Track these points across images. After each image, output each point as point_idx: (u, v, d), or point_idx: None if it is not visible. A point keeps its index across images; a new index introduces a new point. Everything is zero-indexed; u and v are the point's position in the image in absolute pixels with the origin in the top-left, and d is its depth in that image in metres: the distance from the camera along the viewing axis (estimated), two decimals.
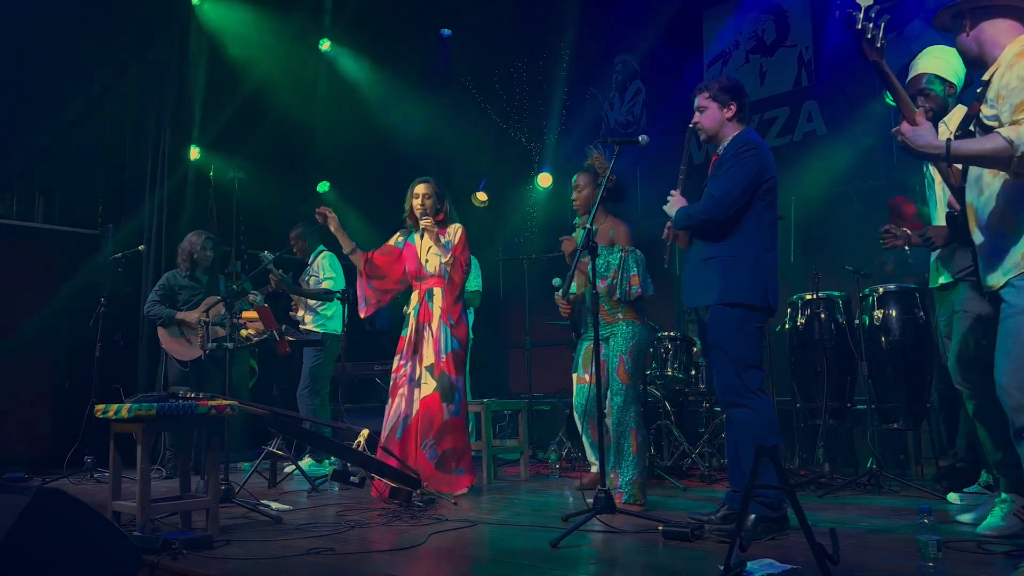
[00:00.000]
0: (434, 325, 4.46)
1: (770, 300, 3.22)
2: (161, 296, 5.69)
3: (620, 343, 4.08)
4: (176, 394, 3.36)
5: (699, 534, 3.04)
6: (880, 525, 3.38)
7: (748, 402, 3.16)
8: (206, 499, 3.35)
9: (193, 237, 5.90)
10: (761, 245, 3.22)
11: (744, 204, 3.21)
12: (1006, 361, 2.32)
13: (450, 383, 4.38)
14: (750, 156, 3.22)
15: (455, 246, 4.54)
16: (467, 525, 3.50)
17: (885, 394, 4.47)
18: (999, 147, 2.25)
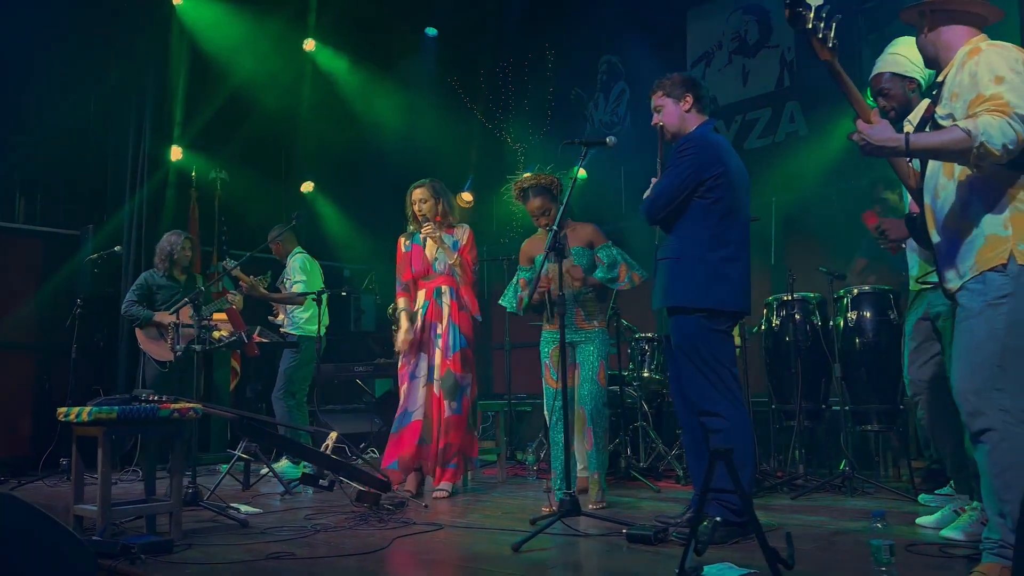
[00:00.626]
0: (443, 324, 4.48)
1: (721, 303, 3.13)
2: (139, 296, 5.66)
3: (601, 348, 4.13)
4: (139, 397, 3.33)
5: (662, 537, 3.02)
6: (848, 527, 3.36)
7: (719, 408, 3.12)
8: (169, 503, 3.33)
9: (172, 237, 5.87)
10: (706, 245, 3.15)
11: (682, 204, 3.18)
12: (960, 365, 2.31)
13: (455, 381, 4.42)
14: (687, 154, 3.19)
15: (463, 246, 4.56)
16: (433, 529, 3.48)
17: (859, 396, 4.46)
18: (957, 138, 2.23)
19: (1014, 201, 2.28)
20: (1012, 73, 2.25)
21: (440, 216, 4.58)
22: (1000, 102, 2.21)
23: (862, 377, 4.43)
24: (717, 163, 3.21)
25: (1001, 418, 2.20)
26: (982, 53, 2.33)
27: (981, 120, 2.20)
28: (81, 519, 3.33)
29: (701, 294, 3.14)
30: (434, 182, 4.61)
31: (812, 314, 4.79)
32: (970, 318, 2.30)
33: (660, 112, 3.40)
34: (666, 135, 3.39)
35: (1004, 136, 2.17)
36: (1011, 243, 2.25)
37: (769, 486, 4.48)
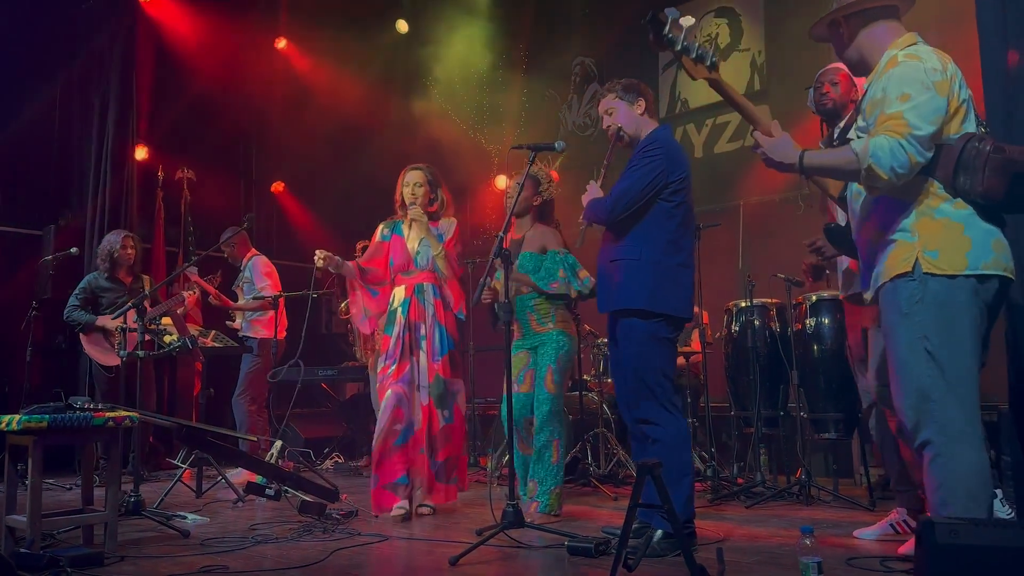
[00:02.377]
0: (428, 325, 4.08)
1: (674, 308, 3.09)
2: (82, 300, 5.53)
3: (550, 352, 4.03)
4: (73, 404, 3.25)
5: (603, 550, 2.97)
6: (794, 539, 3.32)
7: (660, 419, 3.07)
8: (102, 513, 3.25)
9: (111, 236, 5.73)
10: (663, 249, 3.10)
11: (644, 205, 3.13)
12: (893, 381, 2.27)
13: (444, 388, 4.06)
14: (654, 155, 3.13)
15: (448, 239, 4.19)
16: (376, 540, 3.41)
17: (817, 403, 4.43)
18: (847, 159, 2.22)
19: (920, 207, 2.24)
20: (921, 89, 2.19)
21: (433, 207, 4.21)
22: (899, 123, 2.17)
23: (820, 385, 4.40)
24: (681, 167, 3.18)
25: (934, 431, 2.16)
26: (897, 66, 2.27)
27: (873, 141, 2.18)
28: (13, 531, 3.24)
29: (659, 298, 3.09)
30: (432, 168, 4.26)
31: (771, 320, 4.75)
32: (890, 333, 2.27)
33: (613, 115, 3.35)
34: (624, 138, 3.33)
35: (893, 159, 2.15)
36: (917, 249, 2.21)
37: (727, 493, 4.45)
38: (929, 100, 2.18)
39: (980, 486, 2.14)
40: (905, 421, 2.24)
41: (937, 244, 2.20)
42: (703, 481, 4.71)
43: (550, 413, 3.97)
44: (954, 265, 2.18)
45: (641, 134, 3.30)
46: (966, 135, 2.23)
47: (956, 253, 2.19)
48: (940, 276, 2.18)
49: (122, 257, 5.62)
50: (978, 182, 2.15)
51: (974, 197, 2.18)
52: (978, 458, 2.15)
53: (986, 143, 2.17)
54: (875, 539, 3.23)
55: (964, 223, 2.20)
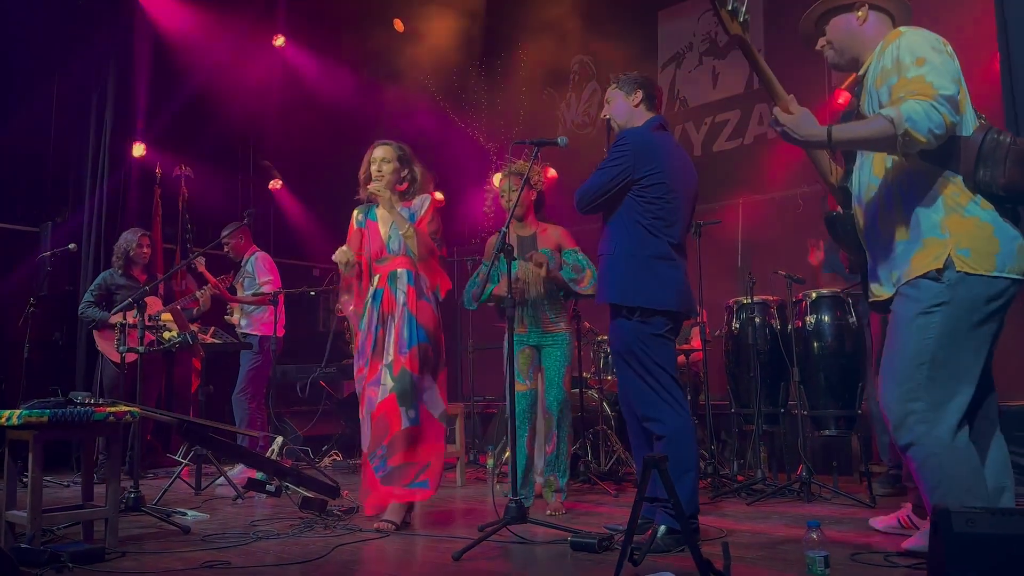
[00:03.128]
0: (398, 314, 3.67)
1: (655, 302, 3.06)
2: (96, 297, 5.56)
3: (567, 353, 4.12)
4: (74, 399, 3.23)
5: (607, 545, 2.97)
6: (795, 536, 3.32)
7: (660, 414, 3.06)
8: (103, 509, 3.23)
9: (128, 235, 5.77)
10: (637, 242, 3.09)
11: (614, 200, 3.14)
12: (887, 375, 2.25)
13: (411, 384, 3.57)
14: (620, 151, 3.13)
15: (420, 217, 3.77)
16: (378, 536, 3.40)
17: (817, 400, 4.43)
18: (881, 127, 2.14)
19: (949, 203, 2.21)
20: (934, 53, 2.19)
21: (404, 186, 3.83)
22: (923, 85, 2.14)
23: (820, 382, 4.40)
24: (652, 161, 3.14)
25: (925, 430, 2.15)
26: (903, 36, 2.27)
27: (905, 107, 2.13)
28: (13, 526, 3.22)
29: (631, 292, 3.08)
30: (403, 145, 3.89)
31: (772, 317, 4.75)
32: (900, 327, 2.23)
33: (610, 104, 3.36)
34: (614, 127, 3.34)
35: (929, 120, 2.10)
36: (949, 247, 2.18)
37: (728, 490, 4.45)
38: (945, 62, 2.18)
39: (975, 484, 2.13)
40: (889, 416, 2.22)
41: (969, 243, 2.17)
42: (704, 478, 4.70)
43: (568, 411, 4.14)
44: (984, 265, 2.16)
45: (632, 125, 3.30)
46: (983, 126, 2.22)
47: (987, 254, 2.17)
48: (974, 276, 2.15)
49: (137, 255, 5.69)
50: (1000, 174, 2.13)
51: (996, 190, 2.15)
52: (968, 458, 2.14)
53: (1005, 135, 2.16)
54: (882, 530, 3.24)
55: (993, 224, 2.19)
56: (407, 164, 3.84)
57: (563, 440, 4.10)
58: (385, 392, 3.59)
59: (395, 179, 3.79)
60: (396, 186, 3.80)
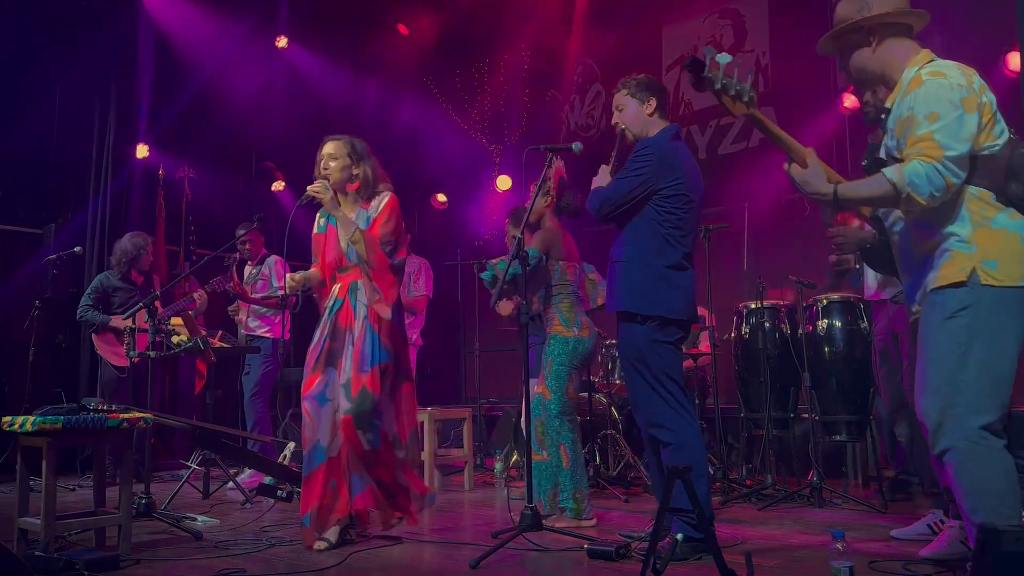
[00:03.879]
0: (358, 329, 3.34)
1: (668, 311, 3.05)
2: (94, 300, 5.52)
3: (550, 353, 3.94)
4: (87, 406, 3.21)
5: (624, 553, 2.96)
6: (812, 543, 3.32)
7: (668, 422, 3.05)
8: (117, 515, 3.21)
9: (137, 239, 5.72)
10: (655, 252, 3.08)
11: (634, 208, 3.12)
12: (921, 381, 2.25)
13: (371, 406, 3.26)
14: (643, 160, 3.12)
15: (375, 218, 3.43)
16: (391, 543, 3.39)
17: (828, 405, 4.42)
18: (885, 190, 2.20)
19: (976, 216, 2.23)
20: (950, 107, 2.19)
21: (357, 185, 3.50)
22: (930, 145, 2.17)
23: (832, 387, 4.39)
24: (674, 172, 3.14)
25: (963, 435, 2.15)
26: (922, 85, 2.26)
27: (908, 168, 2.17)
28: (26, 532, 3.20)
29: (649, 301, 3.07)
30: (355, 140, 3.54)
31: (782, 322, 4.75)
32: (929, 335, 2.24)
33: (622, 112, 3.32)
34: (627, 137, 3.31)
35: (931, 184, 2.15)
36: (975, 260, 2.19)
37: (737, 496, 4.44)
38: (958, 119, 2.18)
39: (1009, 490, 2.13)
40: (927, 423, 2.22)
41: (996, 255, 2.18)
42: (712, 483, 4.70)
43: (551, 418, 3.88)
44: (1011, 276, 2.17)
45: (647, 134, 3.28)
46: (1011, 141, 2.23)
47: (1014, 264, 2.18)
48: (997, 287, 2.17)
49: (144, 262, 5.68)
50: None
51: None
52: (1004, 461, 2.15)
53: None
54: (910, 538, 3.23)
55: (1022, 234, 2.20)
56: (359, 161, 3.51)
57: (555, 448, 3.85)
58: (342, 413, 3.27)
59: (344, 177, 3.47)
60: (347, 185, 3.49)
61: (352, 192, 3.51)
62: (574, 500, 3.85)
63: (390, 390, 3.39)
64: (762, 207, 6.49)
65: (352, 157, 3.50)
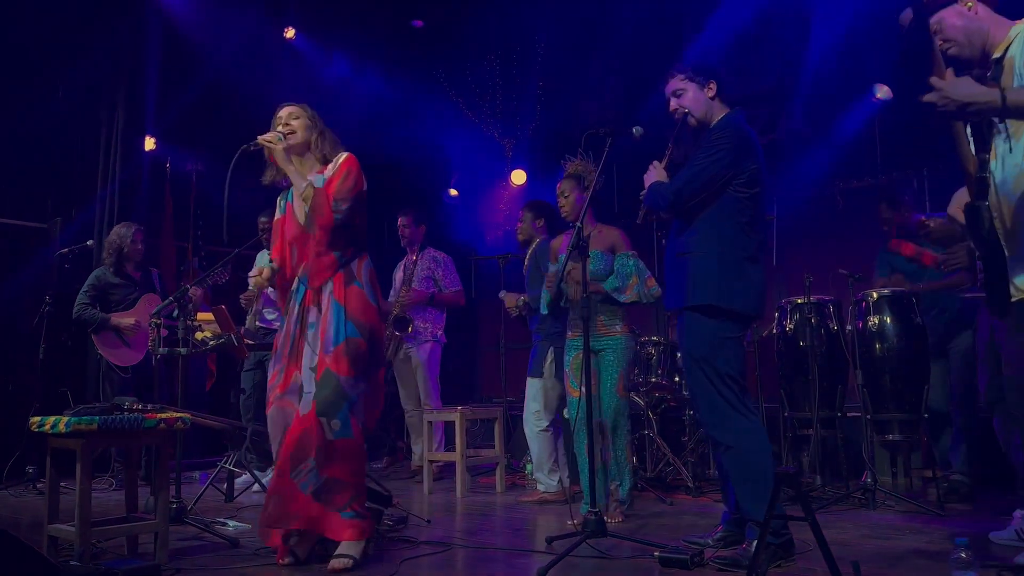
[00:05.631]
0: (323, 305, 3.02)
1: (743, 305, 2.92)
2: (92, 298, 5.23)
3: (622, 357, 3.93)
4: (121, 406, 3.03)
5: (699, 561, 2.80)
6: (888, 547, 3.17)
7: (729, 423, 2.89)
8: (154, 522, 3.03)
9: (122, 229, 5.41)
10: (731, 243, 2.93)
11: (711, 196, 2.95)
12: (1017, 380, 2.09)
13: (338, 388, 2.89)
14: (723, 143, 2.95)
15: (330, 177, 3.09)
16: (442, 550, 3.21)
17: (880, 404, 4.27)
18: None
19: None
20: None
21: (317, 145, 3.19)
22: None
23: (885, 385, 4.23)
24: (753, 156, 2.99)
25: None
26: None
27: None
28: (56, 540, 3.01)
29: (726, 295, 2.91)
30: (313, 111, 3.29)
31: (828, 318, 4.60)
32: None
33: (681, 97, 3.14)
34: (691, 123, 3.15)
35: None
36: None
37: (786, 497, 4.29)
38: None
39: None
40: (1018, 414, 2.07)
41: None
42: None
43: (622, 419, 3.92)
44: None
45: (711, 118, 3.11)
46: None
47: None
48: None
49: (132, 252, 5.32)
50: None
51: None
52: None
53: None
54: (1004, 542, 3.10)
55: None
56: (321, 125, 3.26)
57: (620, 448, 3.91)
58: (307, 404, 2.93)
59: (304, 137, 3.18)
60: (309, 147, 3.19)
61: (311, 156, 3.19)
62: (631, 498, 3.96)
63: (365, 373, 2.99)
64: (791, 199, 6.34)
65: (313, 120, 3.25)
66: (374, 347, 3.07)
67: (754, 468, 2.86)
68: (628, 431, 3.92)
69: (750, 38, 7.15)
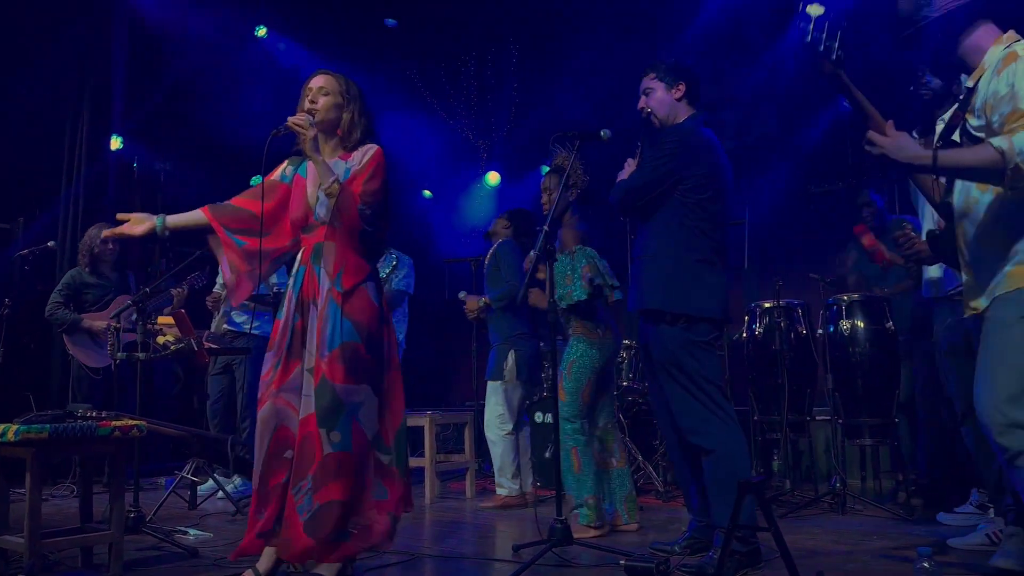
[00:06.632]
0: (321, 302, 2.75)
1: (699, 309, 2.90)
2: (65, 297, 5.15)
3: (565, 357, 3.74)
4: (74, 413, 2.94)
5: (664, 570, 2.76)
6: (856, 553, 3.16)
7: (707, 427, 2.87)
8: (108, 532, 2.94)
9: (93, 230, 5.32)
10: (683, 245, 2.92)
11: (660, 200, 2.95)
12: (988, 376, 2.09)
13: (334, 398, 2.65)
14: (667, 148, 2.95)
15: (356, 171, 2.80)
16: (406, 559, 3.15)
17: (852, 408, 4.26)
18: (991, 158, 2.03)
19: None
20: None
21: (345, 130, 2.87)
22: None
23: (856, 389, 4.23)
24: (701, 161, 2.97)
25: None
26: (1020, 60, 2.11)
27: (1017, 138, 2.00)
28: (5, 551, 2.91)
29: (680, 298, 2.91)
30: (350, 81, 2.93)
31: (798, 322, 4.60)
32: (1002, 329, 2.09)
33: (649, 95, 3.15)
34: (653, 122, 3.14)
35: None
36: None
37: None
38: None
39: None
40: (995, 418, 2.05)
41: None
42: None
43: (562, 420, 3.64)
44: None
45: (675, 119, 3.12)
46: None
47: None
48: None
49: (102, 252, 5.23)
50: None
51: None
52: None
53: None
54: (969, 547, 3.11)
55: None
56: (353, 103, 2.89)
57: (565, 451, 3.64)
58: (308, 407, 2.68)
59: (332, 117, 2.84)
60: (335, 129, 2.87)
61: (336, 139, 2.88)
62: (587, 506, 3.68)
63: (369, 377, 2.74)
64: (762, 203, 6.35)
65: (345, 97, 2.87)
66: (376, 350, 2.79)
67: (733, 473, 2.83)
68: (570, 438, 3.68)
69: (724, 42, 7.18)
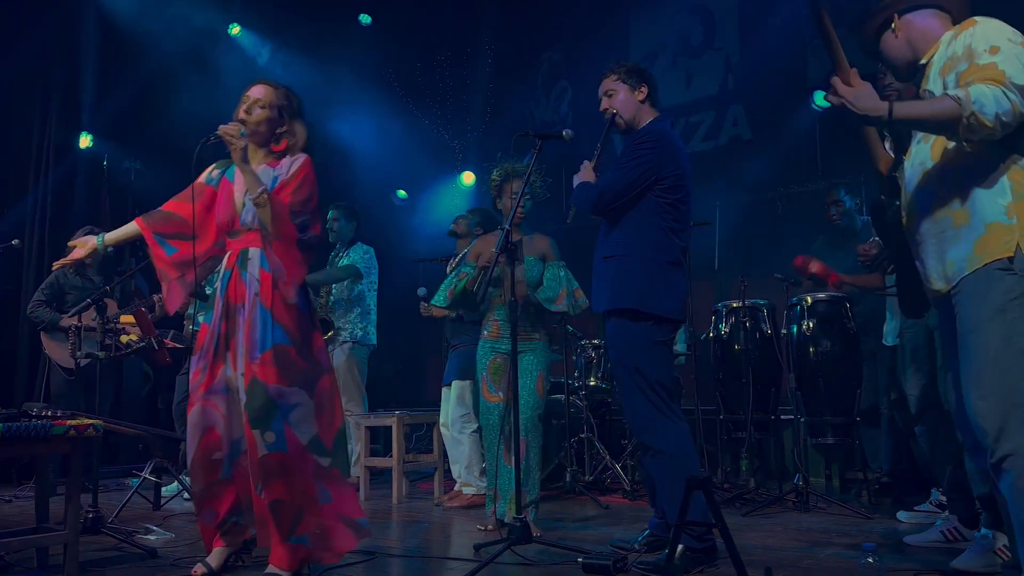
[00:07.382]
0: (248, 306, 2.78)
1: (667, 310, 2.93)
2: (47, 296, 5.15)
3: (540, 359, 3.74)
4: (28, 412, 2.90)
5: (622, 567, 2.78)
6: (813, 551, 3.18)
7: (657, 427, 2.90)
8: (63, 533, 2.91)
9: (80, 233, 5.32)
10: (657, 247, 2.94)
11: (634, 200, 2.96)
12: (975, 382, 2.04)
13: (266, 399, 2.67)
14: (646, 147, 2.97)
15: (284, 180, 2.82)
16: (366, 558, 3.14)
17: (814, 407, 4.30)
18: (946, 107, 2.00)
19: (1017, 187, 2.06)
20: (1009, 44, 2.05)
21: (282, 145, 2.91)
22: (995, 72, 2.01)
23: (819, 388, 4.27)
24: (675, 161, 3.01)
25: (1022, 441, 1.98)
26: (977, 25, 2.14)
27: (973, 88, 1.98)
28: None
29: (650, 298, 2.92)
30: (292, 93, 2.97)
31: (763, 322, 4.63)
32: (979, 329, 2.04)
33: (612, 97, 3.16)
34: (618, 124, 3.15)
35: (998, 105, 1.95)
36: (1018, 234, 2.02)
37: (720, 500, 4.30)
38: (1020, 53, 2.03)
39: None
40: (985, 426, 2.01)
41: None
42: None
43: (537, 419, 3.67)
44: None
45: (639, 121, 3.14)
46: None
47: None
48: None
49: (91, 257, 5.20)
50: None
51: None
52: None
53: None
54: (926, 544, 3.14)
55: None
56: (289, 118, 2.91)
57: (532, 450, 3.65)
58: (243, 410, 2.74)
59: (266, 130, 2.87)
60: (270, 143, 2.90)
61: (266, 147, 2.90)
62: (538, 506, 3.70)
63: (302, 379, 2.77)
64: (733, 204, 6.39)
65: (284, 113, 2.90)
66: (307, 355, 2.82)
67: (682, 471, 2.85)
68: (540, 436, 3.70)
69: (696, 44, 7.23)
